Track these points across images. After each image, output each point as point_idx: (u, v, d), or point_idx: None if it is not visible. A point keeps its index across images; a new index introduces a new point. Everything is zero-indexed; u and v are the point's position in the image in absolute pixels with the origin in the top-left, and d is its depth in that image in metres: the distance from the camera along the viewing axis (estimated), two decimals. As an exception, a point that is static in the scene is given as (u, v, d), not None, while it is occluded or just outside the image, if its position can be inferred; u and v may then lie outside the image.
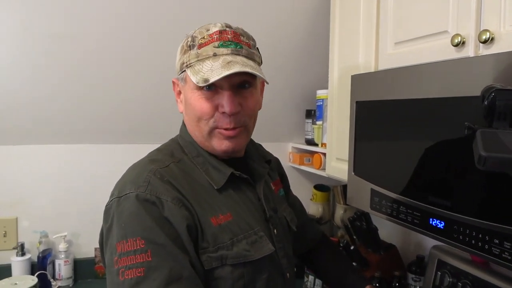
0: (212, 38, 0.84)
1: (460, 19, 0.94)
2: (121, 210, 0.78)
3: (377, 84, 1.14)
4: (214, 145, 0.89)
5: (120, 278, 0.72)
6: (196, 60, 0.84)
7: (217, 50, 0.83)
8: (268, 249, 0.87)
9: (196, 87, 0.84)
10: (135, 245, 0.74)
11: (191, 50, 0.85)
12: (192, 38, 0.86)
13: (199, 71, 0.82)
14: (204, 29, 0.86)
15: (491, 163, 0.56)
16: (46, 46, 1.56)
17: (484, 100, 0.63)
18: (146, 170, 0.83)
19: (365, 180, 1.19)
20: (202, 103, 0.85)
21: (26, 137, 1.81)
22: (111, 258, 0.75)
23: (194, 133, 0.91)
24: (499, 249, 0.76)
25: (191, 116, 0.89)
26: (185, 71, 0.86)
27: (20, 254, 1.76)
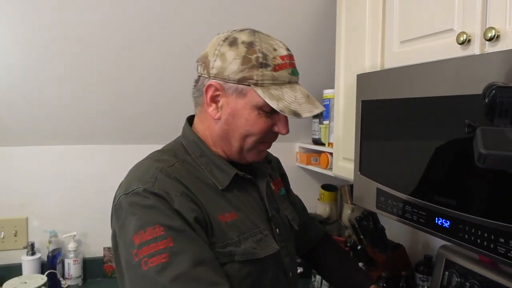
0: (285, 62, 0.85)
1: (465, 17, 0.93)
2: (132, 205, 0.78)
3: (383, 83, 1.13)
4: (250, 157, 0.91)
5: (144, 268, 0.71)
6: (271, 83, 0.83)
7: (291, 77, 0.86)
8: (273, 247, 0.89)
9: (258, 106, 0.84)
10: (154, 233, 0.74)
11: (263, 69, 0.83)
12: (263, 56, 0.83)
13: (279, 98, 0.83)
14: (269, 46, 0.85)
15: (491, 160, 0.56)
16: (53, 50, 1.58)
17: (485, 98, 0.63)
18: (153, 168, 0.83)
19: (371, 180, 1.19)
20: (262, 122, 0.86)
21: (36, 138, 1.84)
22: (129, 253, 0.75)
23: (223, 143, 0.91)
24: (505, 248, 0.76)
25: (240, 131, 0.87)
26: (250, 85, 0.83)
27: (30, 254, 1.78)
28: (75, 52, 1.60)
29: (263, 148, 0.93)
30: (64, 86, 1.69)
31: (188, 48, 1.70)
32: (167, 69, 1.75)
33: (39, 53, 1.58)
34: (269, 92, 0.83)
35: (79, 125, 1.84)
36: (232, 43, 0.85)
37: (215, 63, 0.85)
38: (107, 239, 1.95)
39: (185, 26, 1.64)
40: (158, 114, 1.89)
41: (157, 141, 1.66)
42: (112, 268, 1.94)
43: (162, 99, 1.84)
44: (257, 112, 0.85)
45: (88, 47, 1.60)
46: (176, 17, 1.60)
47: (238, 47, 0.84)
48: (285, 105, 0.82)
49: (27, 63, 1.60)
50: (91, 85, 1.72)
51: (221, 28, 1.63)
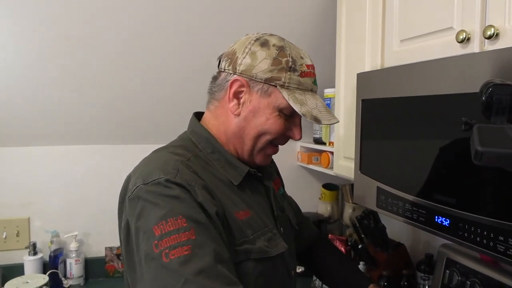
0: (310, 71, 0.90)
1: (465, 15, 0.93)
2: (154, 194, 0.76)
3: (383, 82, 1.13)
4: (258, 159, 0.93)
5: (165, 260, 0.69)
6: (296, 87, 0.87)
7: (313, 86, 0.91)
8: (282, 246, 0.90)
9: (279, 107, 0.87)
10: (177, 224, 0.72)
11: (291, 73, 0.86)
12: (292, 60, 0.86)
13: (303, 102, 0.86)
14: (297, 54, 0.89)
15: (487, 158, 0.56)
16: (53, 49, 1.58)
17: (482, 95, 0.63)
18: (173, 159, 0.82)
19: (371, 178, 1.19)
20: (280, 124, 0.88)
21: (36, 138, 1.85)
22: (149, 244, 0.72)
23: (234, 140, 0.91)
24: (504, 246, 0.76)
25: (257, 129, 0.89)
26: (276, 86, 0.86)
27: (32, 254, 1.79)
28: (75, 51, 1.60)
29: (271, 152, 0.94)
30: (64, 86, 1.70)
31: (185, 48, 1.71)
32: (167, 68, 1.75)
33: (39, 52, 1.59)
34: (293, 96, 0.85)
35: (80, 125, 1.84)
36: (264, 44, 0.87)
37: (244, 60, 0.87)
38: (109, 238, 1.98)
39: (182, 26, 1.64)
40: (157, 114, 1.89)
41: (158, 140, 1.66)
42: (113, 267, 1.95)
43: (162, 98, 1.85)
44: (277, 113, 0.87)
45: (87, 47, 1.61)
46: (173, 17, 1.61)
47: (269, 48, 0.86)
48: (307, 110, 0.85)
49: (27, 62, 1.61)
50: (92, 85, 1.72)
51: (220, 29, 1.66)
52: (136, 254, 0.77)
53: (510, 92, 0.61)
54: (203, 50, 1.68)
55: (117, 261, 1.96)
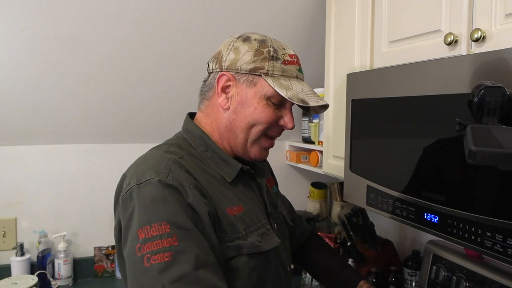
0: (293, 60, 0.91)
1: (452, 18, 0.96)
2: (143, 196, 0.77)
3: (372, 82, 1.16)
4: (253, 152, 0.93)
5: (146, 264, 0.71)
6: (280, 74, 0.89)
7: (298, 74, 0.92)
8: (275, 241, 0.91)
9: (267, 96, 0.88)
10: (160, 230, 0.73)
11: (274, 61, 0.88)
12: (273, 50, 0.89)
13: (288, 87, 0.87)
14: (279, 45, 0.91)
15: (480, 157, 0.59)
16: (42, 48, 1.56)
17: (474, 97, 0.66)
18: (165, 159, 0.83)
19: (361, 177, 1.21)
20: (270, 111, 0.90)
21: (24, 137, 1.82)
22: (133, 246, 0.74)
23: (228, 134, 0.92)
24: (491, 242, 0.79)
25: (247, 120, 0.90)
26: (260, 75, 0.88)
27: (19, 254, 1.77)
28: (64, 51, 1.59)
29: (267, 145, 0.94)
30: (53, 85, 1.68)
31: (179, 47, 1.71)
32: (157, 68, 1.75)
33: (28, 51, 1.57)
34: (278, 82, 0.87)
35: (69, 124, 1.83)
36: (246, 39, 0.90)
37: (228, 56, 0.90)
38: (98, 238, 1.97)
39: (175, 25, 1.64)
40: (148, 113, 1.89)
41: (147, 139, 1.66)
42: (102, 267, 1.94)
43: (152, 98, 1.84)
44: (265, 102, 0.89)
45: (77, 46, 1.59)
46: (167, 16, 1.61)
47: (251, 42, 0.90)
48: (293, 94, 0.87)
49: (16, 61, 1.59)
50: (81, 84, 1.71)
51: (212, 28, 1.66)
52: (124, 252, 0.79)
53: (501, 94, 0.64)
54: (195, 49, 1.68)
55: (106, 261, 1.95)
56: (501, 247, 0.77)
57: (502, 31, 0.84)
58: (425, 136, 0.96)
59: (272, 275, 0.91)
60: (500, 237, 0.77)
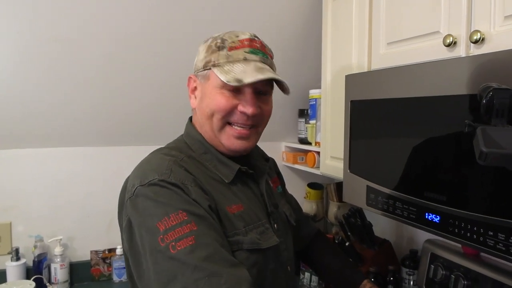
0: (243, 44, 0.91)
1: (451, 20, 0.97)
2: (153, 193, 0.81)
3: (371, 84, 1.16)
4: (223, 141, 0.93)
5: (172, 252, 0.74)
6: (225, 61, 0.90)
7: (247, 55, 0.91)
8: (274, 240, 0.93)
9: (220, 85, 0.89)
10: (178, 218, 0.77)
11: (220, 51, 0.90)
12: (222, 40, 0.91)
13: (229, 71, 0.88)
14: (233, 34, 0.92)
15: (491, 158, 0.60)
16: (38, 51, 1.54)
17: (482, 99, 0.67)
18: (166, 160, 0.87)
19: (360, 177, 1.22)
20: (222, 98, 0.90)
21: (19, 140, 1.80)
22: (154, 239, 0.77)
23: (204, 128, 0.95)
24: (494, 241, 0.80)
25: (206, 111, 0.92)
26: (210, 69, 0.91)
27: (15, 259, 1.74)
28: (60, 54, 1.57)
29: (233, 133, 0.92)
30: (48, 88, 1.66)
31: (175, 49, 1.70)
32: (154, 70, 1.74)
33: (24, 54, 1.55)
34: (222, 69, 0.89)
35: (65, 127, 1.81)
36: (206, 40, 0.96)
37: (195, 60, 0.97)
38: (94, 242, 1.95)
39: (173, 27, 1.63)
40: (144, 116, 1.88)
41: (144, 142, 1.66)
42: (99, 271, 1.92)
43: (148, 100, 1.83)
44: (220, 91, 0.90)
45: (73, 49, 1.58)
46: (164, 17, 1.60)
47: (207, 41, 0.95)
48: (231, 76, 0.87)
49: (11, 64, 1.57)
50: (76, 86, 1.69)
51: (208, 28, 1.64)
52: (141, 249, 0.81)
53: (509, 95, 0.65)
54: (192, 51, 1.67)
55: (103, 265, 1.93)
56: (503, 245, 0.78)
57: (501, 33, 0.85)
58: (425, 136, 0.97)
59: (271, 274, 0.92)
60: (503, 236, 0.78)
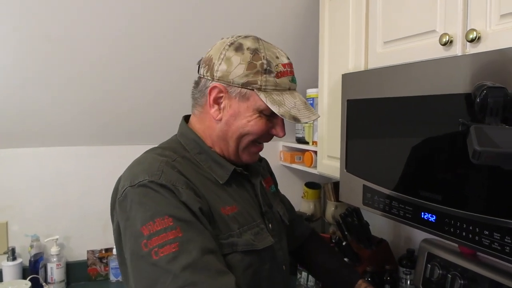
0: (286, 70, 0.90)
1: (447, 19, 0.97)
2: (140, 196, 0.80)
3: (368, 83, 1.16)
4: (244, 157, 0.95)
5: (155, 258, 0.73)
6: (273, 89, 0.88)
7: (291, 85, 0.92)
8: (269, 240, 0.93)
9: (259, 110, 0.89)
10: (163, 224, 0.76)
11: (267, 75, 0.87)
12: (267, 62, 0.87)
13: (280, 103, 0.87)
14: (272, 53, 0.89)
15: (485, 157, 0.59)
16: (36, 49, 1.54)
17: (476, 98, 0.67)
18: (158, 161, 0.85)
19: (357, 177, 1.22)
20: (262, 125, 0.90)
21: (15, 140, 1.79)
22: (137, 244, 0.76)
23: (223, 144, 0.94)
24: (489, 240, 0.80)
25: (239, 131, 0.91)
26: (253, 90, 0.87)
27: (11, 259, 1.73)
28: (55, 51, 1.57)
29: (256, 150, 0.97)
30: (44, 87, 1.66)
31: (171, 48, 1.70)
32: (150, 69, 1.73)
33: (18, 52, 1.54)
34: (271, 97, 0.87)
35: (60, 126, 1.80)
36: (238, 49, 0.88)
37: (220, 67, 0.88)
38: (90, 242, 1.95)
39: (167, 26, 1.63)
40: (140, 115, 1.87)
41: (140, 141, 1.65)
42: (96, 271, 1.92)
43: (144, 99, 1.83)
44: (258, 115, 0.89)
45: (69, 47, 1.57)
46: (158, 18, 1.60)
47: (243, 53, 0.87)
48: (285, 110, 0.87)
49: (5, 63, 1.56)
50: (72, 86, 1.69)
51: (205, 29, 1.66)
52: (125, 252, 0.81)
53: (503, 94, 0.65)
54: (187, 51, 1.67)
55: (100, 264, 1.93)
56: (498, 245, 0.78)
57: (497, 32, 0.85)
58: (421, 136, 0.97)
59: (267, 274, 0.92)
60: (498, 235, 0.78)
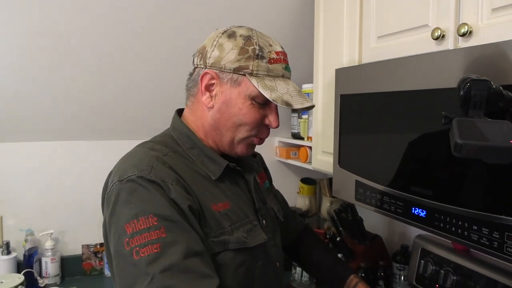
0: (280, 57, 0.89)
1: (439, 13, 0.97)
2: (126, 192, 0.77)
3: (361, 78, 1.16)
4: (239, 149, 0.92)
5: (135, 257, 0.71)
6: (266, 74, 0.86)
7: (284, 72, 0.89)
8: (262, 237, 0.91)
9: (251, 96, 0.86)
10: (147, 223, 0.73)
11: (259, 60, 0.86)
12: (260, 48, 0.86)
13: (273, 88, 0.85)
14: (265, 41, 0.88)
15: (466, 150, 0.59)
16: (26, 43, 1.53)
17: (460, 90, 0.66)
18: (148, 156, 0.83)
19: (349, 172, 1.21)
20: (254, 113, 0.88)
21: (9, 134, 1.79)
22: (120, 241, 0.74)
23: (218, 135, 0.91)
24: (478, 235, 0.79)
25: (232, 120, 0.89)
26: (245, 75, 0.86)
27: (5, 253, 1.74)
28: (53, 48, 1.56)
29: (256, 142, 0.94)
30: (40, 82, 1.65)
31: (166, 44, 1.69)
32: (147, 65, 1.73)
33: (17, 49, 1.54)
34: (263, 83, 0.85)
35: (56, 121, 1.80)
36: (231, 35, 0.88)
37: (213, 53, 0.88)
38: (85, 236, 1.95)
39: (164, 24, 1.62)
40: (137, 109, 1.87)
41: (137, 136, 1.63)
42: (91, 265, 1.92)
43: (142, 94, 1.82)
44: (250, 102, 0.87)
45: (66, 43, 1.57)
46: (157, 15, 1.59)
47: (236, 39, 0.87)
48: (277, 95, 0.85)
49: (4, 58, 1.56)
50: (67, 81, 1.68)
51: (200, 23, 1.65)
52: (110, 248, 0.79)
53: (486, 87, 0.64)
54: (183, 46, 1.66)
55: (95, 259, 1.93)
56: (487, 240, 0.77)
57: (489, 26, 0.85)
58: (413, 131, 0.97)
59: (260, 271, 0.90)
60: (487, 230, 0.77)
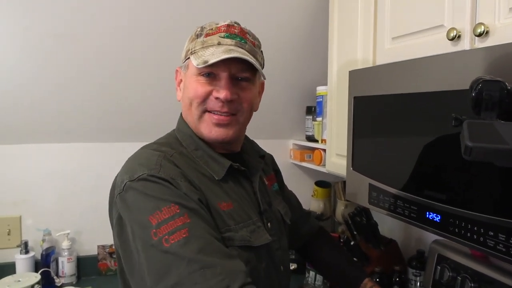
0: (220, 29, 0.89)
1: (455, 13, 0.94)
2: (143, 188, 0.79)
3: (375, 79, 1.14)
4: (203, 130, 0.92)
5: (166, 245, 0.73)
6: (200, 47, 0.89)
7: (222, 40, 0.88)
8: (265, 238, 0.91)
9: (196, 73, 0.89)
10: (171, 211, 0.76)
11: (197, 39, 0.90)
12: (201, 29, 0.91)
13: (201, 56, 0.87)
14: (213, 22, 0.92)
15: (476, 153, 0.57)
16: (48, 46, 1.57)
17: (471, 92, 0.64)
18: (155, 155, 0.85)
19: (363, 175, 1.19)
20: (197, 86, 0.89)
21: (29, 136, 1.83)
22: (146, 233, 0.75)
23: (188, 119, 0.95)
24: (494, 241, 0.77)
25: (185, 101, 0.93)
26: (189, 58, 0.90)
27: (24, 252, 1.78)
28: (66, 50, 1.59)
29: (213, 120, 0.90)
30: (57, 84, 1.68)
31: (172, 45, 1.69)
32: (162, 67, 1.74)
33: (30, 50, 1.57)
34: (196, 55, 0.88)
35: (73, 122, 1.83)
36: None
37: None
38: (101, 236, 1.97)
39: (169, 23, 1.63)
40: (151, 111, 1.88)
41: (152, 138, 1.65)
42: (106, 266, 1.94)
43: (155, 96, 1.83)
44: (195, 78, 0.90)
45: (77, 44, 1.60)
46: (160, 14, 1.60)
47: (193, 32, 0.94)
48: (201, 60, 0.86)
49: (18, 60, 1.59)
50: (84, 83, 1.71)
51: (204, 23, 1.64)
52: (132, 244, 0.79)
53: (499, 88, 0.62)
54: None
55: (110, 259, 1.95)
56: (503, 246, 0.75)
57: (506, 26, 0.82)
58: (428, 134, 0.95)
59: (264, 273, 0.89)
60: (503, 236, 0.75)
